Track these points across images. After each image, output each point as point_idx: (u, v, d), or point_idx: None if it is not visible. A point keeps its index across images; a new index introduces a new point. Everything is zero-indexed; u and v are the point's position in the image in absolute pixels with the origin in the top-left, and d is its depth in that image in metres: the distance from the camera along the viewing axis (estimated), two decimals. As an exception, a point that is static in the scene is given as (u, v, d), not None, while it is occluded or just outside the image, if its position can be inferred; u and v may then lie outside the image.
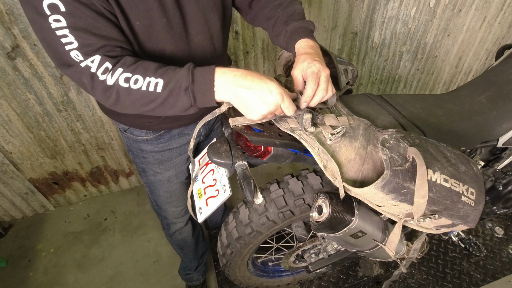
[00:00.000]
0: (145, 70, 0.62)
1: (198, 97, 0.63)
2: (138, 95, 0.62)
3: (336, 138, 0.69)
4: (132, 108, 0.65)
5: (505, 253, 1.65)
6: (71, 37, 0.58)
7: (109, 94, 0.63)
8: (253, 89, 0.61)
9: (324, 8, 1.73)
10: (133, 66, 0.62)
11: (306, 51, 0.74)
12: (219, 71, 0.63)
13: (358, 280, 1.55)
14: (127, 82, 0.61)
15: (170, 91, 0.62)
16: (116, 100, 0.63)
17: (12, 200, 1.81)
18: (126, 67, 0.62)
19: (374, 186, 0.65)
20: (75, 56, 0.59)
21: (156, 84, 0.61)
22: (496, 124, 0.99)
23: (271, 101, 0.61)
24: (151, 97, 0.62)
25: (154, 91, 0.62)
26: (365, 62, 2.11)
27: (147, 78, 0.61)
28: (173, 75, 0.62)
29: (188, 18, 0.75)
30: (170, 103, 0.63)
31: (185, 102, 0.63)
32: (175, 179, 1.08)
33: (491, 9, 2.08)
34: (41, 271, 1.68)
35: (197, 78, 0.62)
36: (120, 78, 0.61)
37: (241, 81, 0.61)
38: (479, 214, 0.72)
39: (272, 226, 0.98)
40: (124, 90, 0.62)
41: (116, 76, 0.61)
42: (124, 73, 0.61)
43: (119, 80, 0.61)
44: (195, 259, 1.44)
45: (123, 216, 1.96)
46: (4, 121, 1.50)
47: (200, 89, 0.62)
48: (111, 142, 1.82)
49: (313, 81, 0.68)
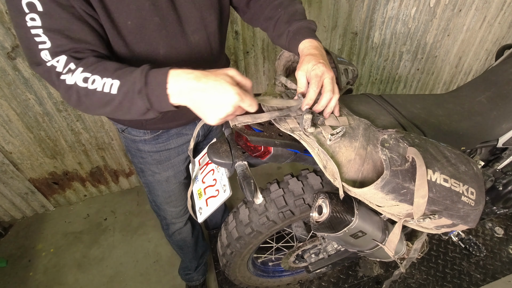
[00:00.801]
0: (104, 71, 0.60)
1: (154, 101, 0.60)
2: (95, 96, 0.60)
3: (336, 139, 0.69)
4: (92, 110, 0.64)
5: (505, 253, 1.65)
6: (44, 37, 0.59)
7: (70, 94, 0.61)
8: (208, 92, 0.57)
9: (324, 8, 1.73)
10: (93, 66, 0.61)
11: (311, 52, 0.73)
12: (174, 73, 0.59)
13: (358, 280, 1.55)
14: (86, 82, 0.60)
15: (125, 93, 0.59)
16: (77, 100, 0.62)
17: (12, 200, 1.81)
18: (86, 67, 0.60)
19: (373, 187, 0.65)
20: (44, 56, 0.60)
21: (111, 85, 0.59)
22: (496, 124, 0.99)
23: (228, 103, 0.58)
24: (107, 98, 0.60)
25: (109, 93, 0.59)
26: (365, 62, 2.11)
27: (104, 79, 0.59)
28: (129, 77, 0.60)
29: (183, 17, 0.74)
30: (125, 106, 0.61)
31: (140, 106, 0.60)
32: (173, 179, 1.07)
33: (491, 9, 2.08)
34: (41, 271, 1.68)
35: (150, 80, 0.59)
36: (78, 78, 0.60)
37: (195, 84, 0.58)
38: (479, 214, 0.72)
39: (272, 226, 0.98)
40: (82, 90, 0.60)
41: (75, 76, 0.60)
42: (83, 73, 0.60)
43: (77, 80, 0.60)
44: (195, 259, 1.44)
45: (123, 216, 1.96)
46: (4, 121, 1.50)
47: (154, 91, 0.59)
48: (111, 142, 1.82)
49: (316, 84, 0.67)
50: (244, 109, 0.61)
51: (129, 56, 0.74)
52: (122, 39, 0.70)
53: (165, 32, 0.73)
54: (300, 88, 0.73)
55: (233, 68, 0.60)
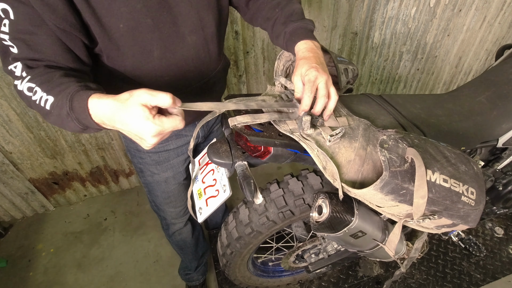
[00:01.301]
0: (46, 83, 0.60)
1: (85, 123, 0.58)
2: (36, 107, 0.61)
3: (335, 139, 0.69)
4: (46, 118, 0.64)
5: (505, 253, 1.65)
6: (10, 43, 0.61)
7: (22, 99, 0.64)
8: (126, 127, 0.54)
9: (324, 8, 1.73)
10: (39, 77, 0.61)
11: (305, 55, 0.73)
12: (92, 103, 0.56)
13: (358, 280, 1.55)
14: (30, 92, 0.61)
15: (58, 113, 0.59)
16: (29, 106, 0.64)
17: (12, 200, 1.82)
18: (33, 77, 0.61)
19: (373, 188, 0.65)
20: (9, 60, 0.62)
21: (46, 101, 0.59)
22: (496, 124, 0.99)
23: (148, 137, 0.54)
24: (44, 112, 0.60)
25: (45, 107, 0.59)
26: (365, 62, 2.11)
27: (42, 93, 0.60)
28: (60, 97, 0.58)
29: (179, 17, 0.73)
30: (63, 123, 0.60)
31: (73, 127, 0.60)
32: (172, 180, 1.07)
33: (491, 9, 2.08)
34: (41, 271, 1.68)
35: (75, 106, 0.57)
36: (25, 86, 0.61)
37: (112, 122, 0.55)
38: (479, 213, 0.72)
39: (272, 226, 0.98)
40: (27, 98, 0.61)
41: (23, 84, 0.61)
42: (28, 82, 0.61)
43: (24, 89, 0.61)
44: (195, 259, 1.44)
45: (123, 216, 1.96)
46: (4, 121, 1.50)
47: (81, 115, 0.57)
48: (111, 142, 1.82)
49: (310, 89, 0.67)
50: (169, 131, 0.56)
51: (122, 59, 0.73)
52: (114, 42, 0.69)
53: (159, 34, 0.72)
54: (297, 93, 0.72)
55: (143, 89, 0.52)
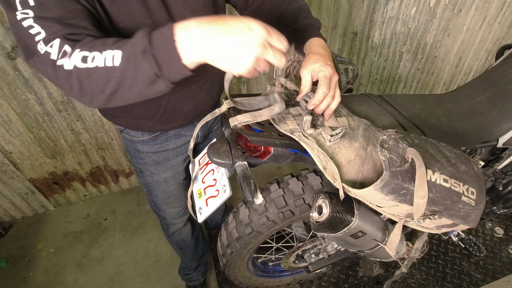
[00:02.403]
0: (102, 45, 0.54)
1: (162, 62, 0.51)
2: (97, 74, 0.53)
3: (336, 139, 0.69)
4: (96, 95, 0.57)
5: (505, 253, 1.65)
6: (37, 27, 0.54)
7: (71, 81, 0.55)
8: (229, 32, 0.48)
9: (324, 8, 1.73)
10: (90, 44, 0.55)
11: (319, 51, 0.71)
12: (180, 26, 0.50)
13: (358, 280, 1.55)
14: (85, 62, 0.53)
15: (127, 58, 0.52)
16: (79, 87, 0.55)
17: (12, 200, 1.81)
18: (83, 46, 0.54)
19: (373, 187, 0.65)
20: (39, 46, 0.55)
21: (113, 56, 0.52)
22: (496, 124, 0.99)
23: (256, 41, 0.48)
24: (110, 73, 0.53)
25: (112, 66, 0.52)
26: (365, 62, 2.10)
27: (104, 52, 0.53)
28: (130, 41, 0.53)
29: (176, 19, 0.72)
30: (130, 76, 0.53)
31: (146, 70, 0.52)
32: (172, 180, 1.07)
33: (491, 9, 2.08)
34: (41, 271, 1.68)
35: (155, 38, 0.51)
36: (78, 59, 0.53)
37: (211, 29, 0.49)
38: (480, 213, 0.72)
39: (272, 226, 0.98)
40: (83, 72, 0.54)
41: (73, 58, 0.54)
42: (81, 52, 0.54)
43: (76, 62, 0.53)
44: (195, 259, 1.44)
45: (123, 216, 1.96)
46: (4, 121, 1.50)
47: (161, 50, 0.50)
48: (111, 142, 1.82)
49: (326, 85, 0.66)
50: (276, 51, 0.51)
51: None
52: None
53: None
54: (304, 87, 0.71)
55: None
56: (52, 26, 0.55)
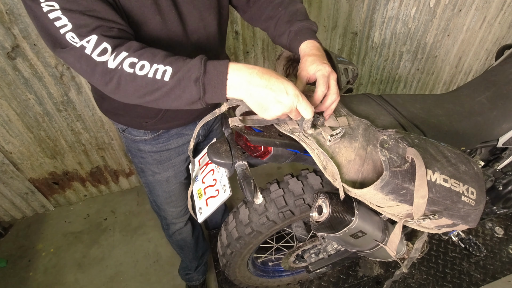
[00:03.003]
0: (152, 57, 0.59)
1: (209, 90, 0.59)
2: (143, 82, 0.58)
3: (336, 139, 0.69)
4: (133, 96, 0.62)
5: (505, 253, 1.65)
6: (65, 19, 0.56)
7: (109, 78, 0.59)
8: (269, 88, 0.59)
9: (324, 8, 1.73)
10: (140, 51, 0.59)
11: (314, 52, 0.73)
12: (234, 66, 0.60)
13: (358, 280, 1.55)
14: (132, 68, 0.58)
15: (179, 80, 0.58)
16: (116, 86, 0.59)
17: (12, 200, 1.81)
18: (132, 52, 0.58)
19: (373, 187, 0.65)
20: (71, 39, 0.56)
21: (164, 71, 0.58)
22: (496, 124, 0.99)
23: (287, 102, 0.59)
24: (157, 85, 0.59)
25: (162, 79, 0.58)
26: (365, 62, 2.10)
27: (155, 65, 0.58)
28: (183, 64, 0.59)
29: (183, 16, 0.74)
30: (176, 93, 0.59)
31: (193, 94, 0.59)
32: (173, 180, 1.07)
33: (491, 9, 2.08)
34: (41, 271, 1.68)
35: (209, 70, 0.59)
36: (125, 62, 0.58)
37: (258, 80, 0.59)
38: (479, 213, 0.72)
39: (272, 226, 0.98)
40: (128, 76, 0.58)
41: (119, 59, 0.58)
42: (129, 58, 0.58)
43: (123, 65, 0.58)
44: (195, 259, 1.44)
45: (123, 216, 1.96)
46: (4, 121, 1.50)
47: (211, 81, 0.59)
48: (111, 142, 1.82)
49: (324, 84, 0.67)
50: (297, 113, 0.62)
51: None
52: None
53: (166, 31, 0.73)
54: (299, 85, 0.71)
55: None
56: (80, 19, 0.56)
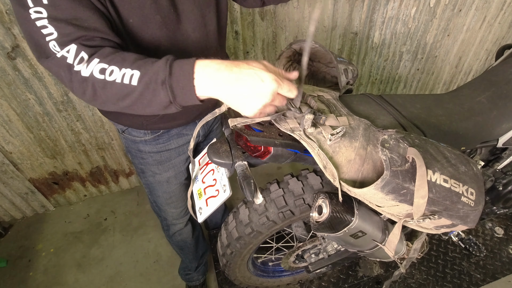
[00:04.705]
0: (122, 61, 0.57)
1: (178, 93, 0.56)
2: (113, 88, 0.57)
3: (336, 139, 0.69)
4: (109, 104, 0.60)
5: (505, 253, 1.65)
6: (51, 27, 0.55)
7: (85, 87, 0.58)
8: (242, 81, 0.54)
9: (324, 8, 1.73)
10: (110, 57, 0.57)
11: None
12: (201, 64, 0.56)
13: (358, 280, 1.55)
14: (103, 74, 0.56)
15: (146, 84, 0.56)
16: (93, 94, 0.58)
17: (12, 200, 1.81)
18: (103, 58, 0.57)
19: (373, 187, 0.65)
20: (53, 47, 0.56)
21: (131, 76, 0.56)
22: (496, 124, 0.99)
23: (265, 92, 0.55)
24: (126, 90, 0.56)
25: (129, 84, 0.56)
26: (365, 62, 2.10)
27: (123, 70, 0.56)
28: (150, 67, 0.56)
29: (183, 15, 0.74)
30: (147, 98, 0.57)
31: (162, 98, 0.57)
32: (174, 180, 1.07)
33: (491, 9, 2.08)
34: (41, 271, 1.68)
35: (175, 71, 0.55)
36: (95, 69, 0.56)
37: (227, 75, 0.54)
38: (479, 214, 0.72)
39: (272, 226, 0.98)
40: (100, 82, 0.56)
41: (91, 67, 0.56)
42: (99, 64, 0.56)
43: (93, 72, 0.56)
44: (195, 259, 1.44)
45: (123, 216, 1.96)
46: (4, 121, 1.50)
47: (179, 83, 0.55)
48: (111, 142, 1.82)
49: None
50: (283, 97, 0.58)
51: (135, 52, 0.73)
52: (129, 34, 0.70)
53: (166, 31, 0.73)
54: None
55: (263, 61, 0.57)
56: (65, 28, 0.56)
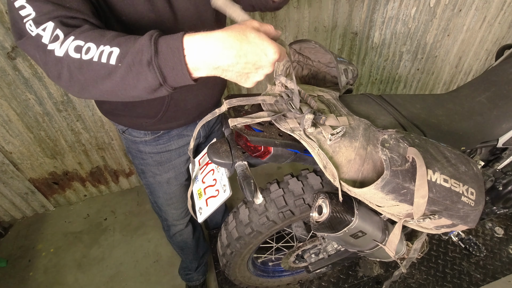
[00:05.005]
0: (100, 37, 0.50)
1: (168, 73, 0.49)
2: (90, 68, 0.49)
3: (336, 138, 0.69)
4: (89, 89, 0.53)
5: (505, 253, 1.65)
6: (29, 8, 0.51)
7: (60, 69, 0.51)
8: (245, 57, 0.49)
9: (324, 8, 1.73)
10: (87, 33, 0.51)
11: None
12: (190, 39, 0.48)
13: (358, 280, 1.55)
14: (78, 52, 0.49)
15: (129, 65, 0.48)
16: (69, 77, 0.51)
17: (12, 200, 1.81)
18: (79, 34, 0.50)
19: (373, 187, 0.65)
20: (29, 26, 0.51)
21: (110, 53, 0.48)
22: (496, 124, 0.99)
23: (268, 64, 0.51)
24: (104, 70, 0.49)
25: (107, 63, 0.49)
26: (365, 62, 2.11)
27: (101, 47, 0.49)
28: (132, 44, 0.49)
29: (179, 13, 0.73)
30: (130, 82, 0.50)
31: (150, 80, 0.49)
32: (174, 181, 1.07)
33: (491, 9, 2.08)
34: (41, 271, 1.68)
35: (162, 49, 0.48)
36: (70, 47, 0.49)
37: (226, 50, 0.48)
38: (479, 214, 0.72)
39: (272, 226, 0.98)
40: (75, 62, 0.50)
41: (66, 45, 0.50)
42: (75, 41, 0.49)
43: (68, 50, 0.49)
44: (195, 259, 1.44)
45: (123, 216, 1.96)
46: (4, 121, 1.50)
47: (168, 62, 0.48)
48: (111, 142, 1.82)
49: None
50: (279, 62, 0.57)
51: None
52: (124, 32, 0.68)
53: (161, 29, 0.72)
54: None
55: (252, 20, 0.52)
56: (43, 7, 0.51)
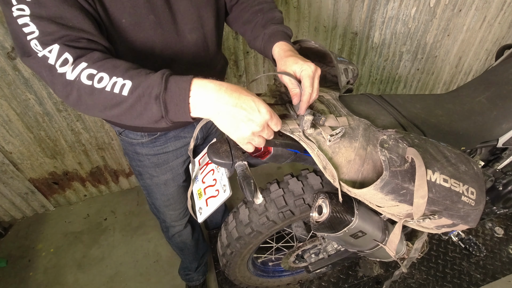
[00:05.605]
0: (113, 69, 0.55)
1: (171, 108, 0.55)
2: (101, 96, 0.55)
3: (336, 139, 0.69)
4: (94, 111, 0.58)
5: (505, 253, 1.65)
6: (32, 26, 0.54)
7: (69, 90, 0.56)
8: (240, 106, 0.55)
9: (324, 8, 1.73)
10: (100, 63, 0.55)
11: (290, 53, 0.72)
12: (198, 82, 0.55)
13: (358, 280, 1.55)
14: (90, 80, 0.54)
15: (139, 96, 0.54)
16: (77, 99, 0.56)
17: (12, 200, 1.81)
18: (92, 63, 0.55)
19: (373, 187, 0.65)
20: (34, 46, 0.54)
21: (122, 85, 0.54)
22: (496, 124, 0.99)
23: (259, 121, 0.56)
24: (116, 100, 0.55)
25: (120, 94, 0.54)
26: (365, 62, 2.10)
27: (114, 78, 0.54)
28: (144, 79, 0.55)
29: (179, 15, 0.73)
30: (137, 110, 0.56)
31: (154, 112, 0.55)
32: (172, 183, 1.07)
33: (491, 9, 2.08)
34: (41, 271, 1.68)
35: (171, 86, 0.54)
36: (82, 74, 0.54)
37: (226, 98, 0.54)
38: (479, 213, 0.72)
39: (272, 226, 0.98)
40: (86, 88, 0.54)
41: (78, 71, 0.54)
42: (88, 69, 0.54)
43: (81, 76, 0.54)
44: (195, 260, 1.43)
45: (123, 216, 1.96)
46: (4, 121, 1.50)
47: (173, 99, 0.54)
48: (111, 142, 1.82)
49: (310, 86, 0.66)
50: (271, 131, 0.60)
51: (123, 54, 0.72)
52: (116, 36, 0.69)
53: (161, 31, 0.72)
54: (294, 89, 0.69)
55: None
56: (47, 26, 0.54)
